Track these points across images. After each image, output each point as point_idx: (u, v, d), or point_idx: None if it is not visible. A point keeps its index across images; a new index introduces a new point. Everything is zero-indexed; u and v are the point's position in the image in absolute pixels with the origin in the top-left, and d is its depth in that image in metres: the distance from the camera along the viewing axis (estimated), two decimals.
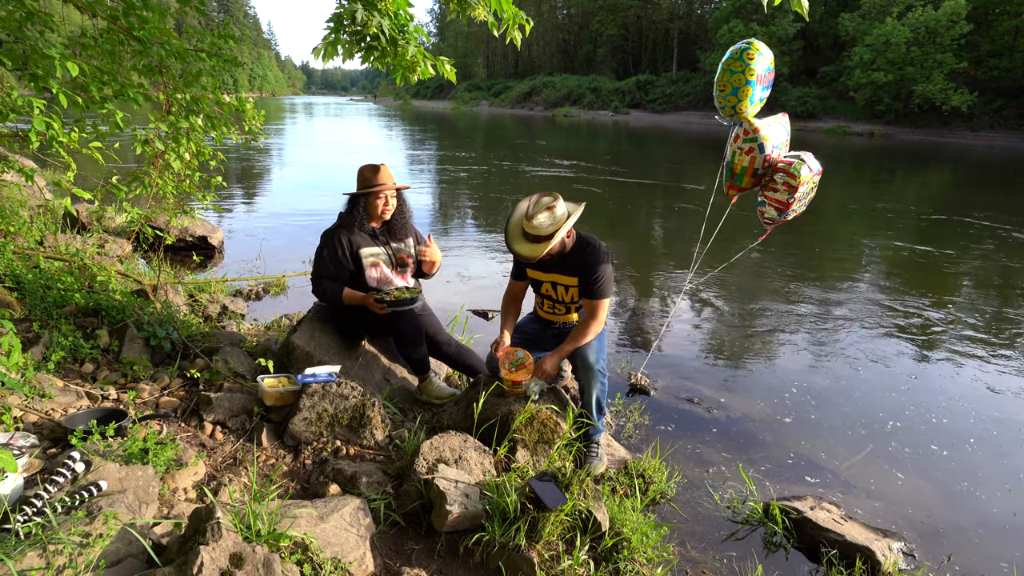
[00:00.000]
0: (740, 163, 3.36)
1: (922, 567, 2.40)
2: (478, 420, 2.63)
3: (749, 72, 3.17)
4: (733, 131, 3.41)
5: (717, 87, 3.32)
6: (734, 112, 3.32)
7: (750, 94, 3.22)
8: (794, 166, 3.23)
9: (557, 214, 2.51)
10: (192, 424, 2.49)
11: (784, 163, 3.29)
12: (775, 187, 3.30)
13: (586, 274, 2.68)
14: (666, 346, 4.52)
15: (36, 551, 1.45)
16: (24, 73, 2.58)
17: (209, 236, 6.37)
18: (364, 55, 2.89)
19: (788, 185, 3.23)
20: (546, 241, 2.51)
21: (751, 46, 3.19)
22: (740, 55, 3.19)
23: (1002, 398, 3.87)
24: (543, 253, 2.52)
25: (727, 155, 3.44)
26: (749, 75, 3.18)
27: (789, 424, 3.49)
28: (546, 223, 2.49)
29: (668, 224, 9.59)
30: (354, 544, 1.86)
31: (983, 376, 4.18)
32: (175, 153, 3.17)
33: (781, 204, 3.31)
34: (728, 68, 3.25)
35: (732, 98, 3.25)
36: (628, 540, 2.17)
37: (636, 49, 59.74)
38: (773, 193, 3.32)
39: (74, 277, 3.66)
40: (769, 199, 3.37)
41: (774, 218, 3.42)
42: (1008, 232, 9.13)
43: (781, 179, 3.26)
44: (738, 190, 3.50)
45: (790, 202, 3.28)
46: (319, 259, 2.96)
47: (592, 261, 2.66)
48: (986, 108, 33.30)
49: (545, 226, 2.49)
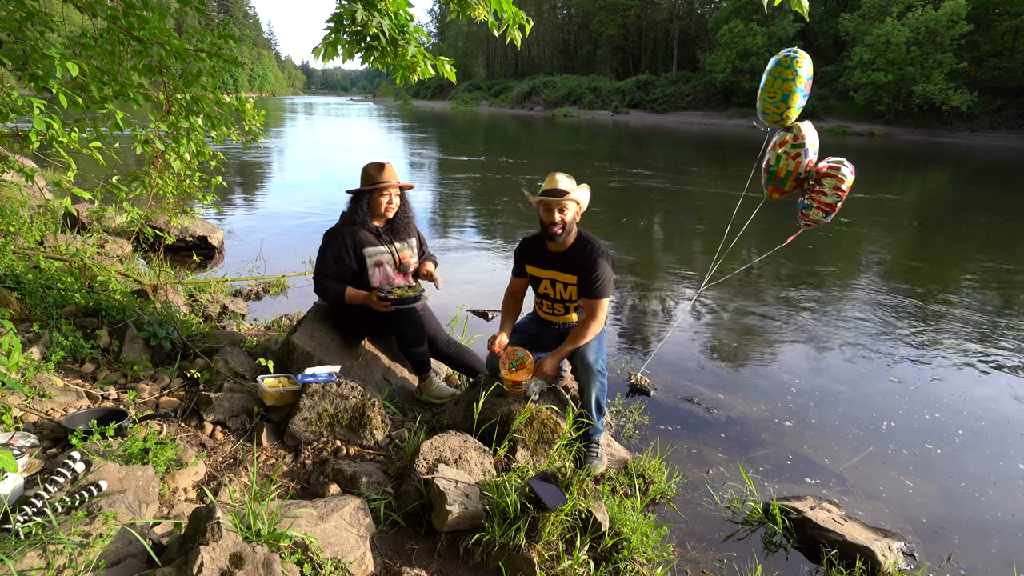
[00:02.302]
0: (785, 167, 3.45)
1: (922, 567, 2.40)
2: (478, 420, 2.63)
3: (799, 80, 3.28)
4: (776, 136, 3.50)
5: (765, 94, 3.40)
6: (780, 119, 3.42)
7: (798, 101, 3.34)
8: (842, 171, 3.34)
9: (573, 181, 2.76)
10: (192, 424, 2.49)
11: (831, 167, 3.39)
12: (823, 191, 3.40)
13: (585, 273, 2.70)
14: (666, 346, 4.52)
15: (36, 551, 1.45)
16: (24, 73, 2.58)
17: (209, 236, 6.37)
18: (364, 55, 2.89)
19: (837, 189, 3.36)
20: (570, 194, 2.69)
21: (798, 54, 3.30)
22: (789, 63, 3.29)
23: (1003, 399, 3.87)
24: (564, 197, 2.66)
25: (769, 159, 3.52)
26: (799, 82, 3.29)
27: (789, 424, 3.49)
28: (565, 179, 2.73)
29: (669, 225, 9.60)
30: (354, 544, 1.86)
31: (984, 377, 4.18)
32: (175, 153, 3.17)
33: (829, 207, 3.43)
34: (778, 76, 3.34)
35: (782, 105, 3.35)
36: (628, 540, 2.17)
37: (636, 49, 59.76)
38: (823, 196, 3.42)
39: (74, 277, 3.65)
40: (818, 201, 3.46)
41: (819, 220, 3.52)
42: (1009, 233, 9.13)
43: (830, 184, 3.37)
44: (781, 193, 3.59)
45: (837, 204, 3.41)
46: (322, 258, 2.96)
47: (591, 260, 2.69)
48: (986, 108, 33.33)
49: (564, 181, 2.72)
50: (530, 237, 2.96)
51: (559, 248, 2.78)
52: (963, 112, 33.02)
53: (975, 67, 34.25)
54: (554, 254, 2.80)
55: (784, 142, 3.44)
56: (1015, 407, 3.76)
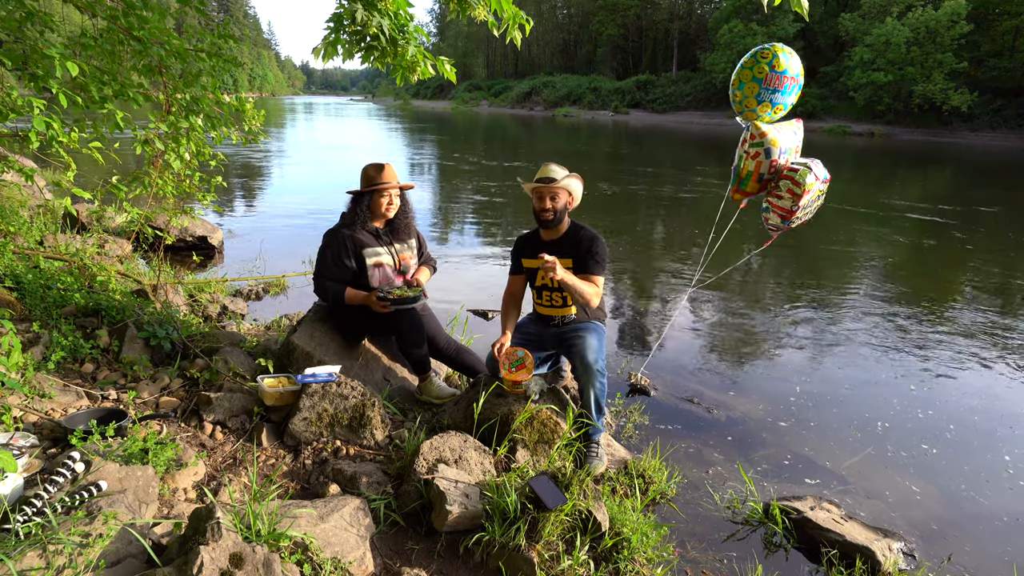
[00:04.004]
0: (746, 167, 3.30)
1: (922, 567, 2.40)
2: (478, 420, 2.63)
3: (758, 69, 3.18)
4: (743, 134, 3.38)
5: (732, 85, 3.34)
6: (743, 109, 3.31)
7: (757, 91, 3.20)
8: (800, 173, 3.17)
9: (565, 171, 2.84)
10: (192, 424, 2.49)
11: (790, 170, 3.23)
12: (779, 194, 3.26)
13: (582, 252, 2.80)
14: (666, 346, 4.52)
15: (36, 551, 1.45)
16: (24, 73, 2.58)
17: (209, 236, 6.37)
18: (364, 55, 2.89)
19: (792, 192, 3.18)
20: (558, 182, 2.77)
21: (773, 47, 3.18)
22: (756, 54, 3.23)
23: (1003, 399, 3.87)
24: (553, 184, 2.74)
25: (735, 159, 3.40)
26: (757, 71, 3.17)
27: (789, 424, 3.49)
28: (558, 169, 2.82)
29: (670, 225, 9.60)
30: (354, 544, 1.86)
31: (984, 377, 4.18)
32: (175, 153, 3.17)
33: (785, 212, 3.26)
34: (743, 66, 3.28)
35: (738, 93, 3.27)
36: (628, 540, 2.17)
37: (636, 49, 59.76)
38: (777, 200, 3.28)
39: (74, 277, 3.65)
40: (773, 205, 3.33)
41: (778, 225, 3.37)
42: (1009, 233, 9.13)
43: (786, 186, 3.21)
44: (744, 195, 3.45)
45: (794, 210, 3.22)
46: (321, 259, 2.96)
47: (587, 239, 2.83)
48: (986, 108, 33.32)
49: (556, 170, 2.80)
50: (524, 234, 3.02)
51: (553, 236, 2.87)
52: (963, 112, 33.01)
53: (975, 67, 34.25)
54: (549, 243, 2.87)
55: (744, 140, 3.29)
56: (1015, 408, 3.76)
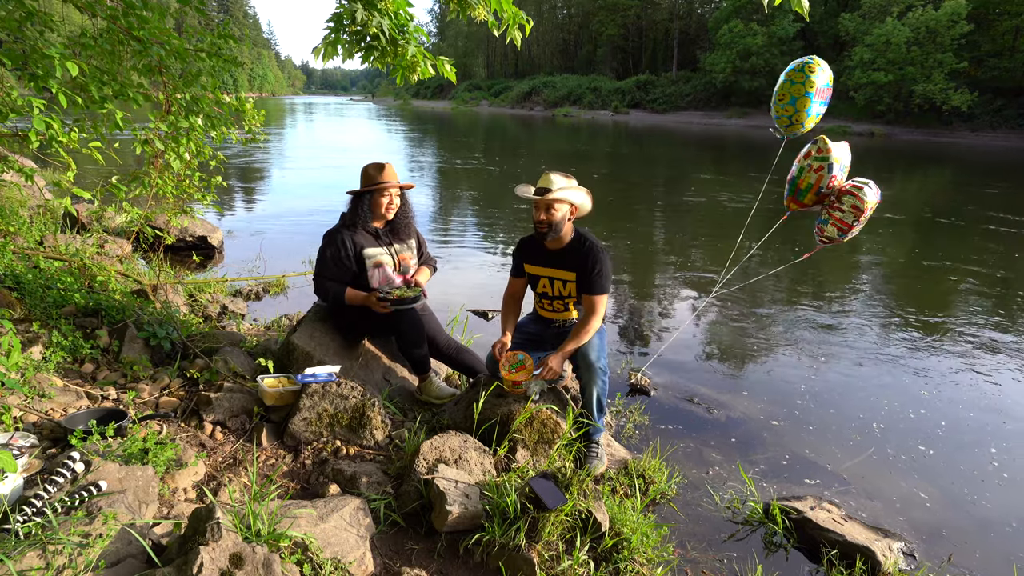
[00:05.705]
0: (806, 180, 3.42)
1: (922, 567, 2.40)
2: (478, 420, 2.63)
3: (809, 84, 3.30)
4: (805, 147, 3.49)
5: (776, 96, 3.43)
6: (790, 123, 3.42)
7: (808, 106, 3.35)
8: (863, 191, 3.33)
9: (569, 182, 2.71)
10: (192, 424, 2.49)
11: (854, 187, 3.37)
12: (842, 208, 3.38)
13: (584, 269, 2.72)
14: (667, 347, 4.52)
15: (36, 551, 1.45)
16: (24, 73, 2.58)
17: (209, 236, 6.37)
18: (364, 55, 2.89)
19: (856, 208, 3.33)
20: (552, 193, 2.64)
21: (814, 60, 3.33)
22: (802, 67, 3.32)
23: (1003, 400, 3.87)
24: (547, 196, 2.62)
25: (794, 170, 3.51)
26: (809, 87, 3.30)
27: (789, 425, 3.49)
28: (558, 178, 2.67)
29: (670, 226, 9.59)
30: (354, 544, 1.86)
31: (984, 378, 4.18)
32: (175, 153, 3.17)
33: (845, 225, 3.41)
34: (788, 78, 3.38)
35: (790, 108, 3.37)
36: (628, 540, 2.17)
37: (636, 49, 59.74)
38: (840, 214, 3.40)
39: (74, 277, 3.65)
40: (834, 218, 3.45)
41: (832, 237, 3.50)
42: (1009, 234, 9.13)
43: (849, 202, 3.35)
44: (800, 206, 3.57)
45: (854, 225, 3.38)
46: (321, 259, 2.96)
47: (590, 256, 2.71)
48: (986, 108, 33.30)
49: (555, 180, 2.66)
50: (528, 237, 2.97)
51: (556, 245, 2.78)
52: (963, 112, 32.98)
53: (975, 67, 34.22)
54: (552, 252, 2.81)
55: (808, 154, 3.41)
56: (1016, 408, 3.75)
